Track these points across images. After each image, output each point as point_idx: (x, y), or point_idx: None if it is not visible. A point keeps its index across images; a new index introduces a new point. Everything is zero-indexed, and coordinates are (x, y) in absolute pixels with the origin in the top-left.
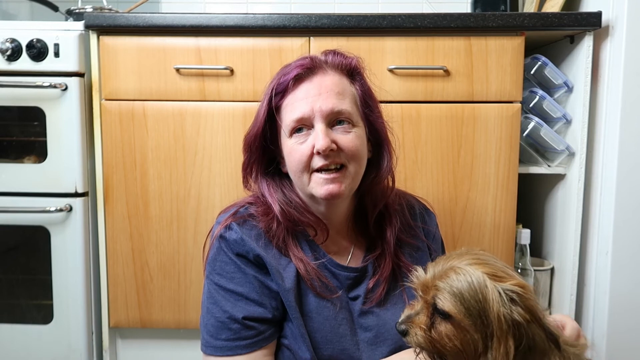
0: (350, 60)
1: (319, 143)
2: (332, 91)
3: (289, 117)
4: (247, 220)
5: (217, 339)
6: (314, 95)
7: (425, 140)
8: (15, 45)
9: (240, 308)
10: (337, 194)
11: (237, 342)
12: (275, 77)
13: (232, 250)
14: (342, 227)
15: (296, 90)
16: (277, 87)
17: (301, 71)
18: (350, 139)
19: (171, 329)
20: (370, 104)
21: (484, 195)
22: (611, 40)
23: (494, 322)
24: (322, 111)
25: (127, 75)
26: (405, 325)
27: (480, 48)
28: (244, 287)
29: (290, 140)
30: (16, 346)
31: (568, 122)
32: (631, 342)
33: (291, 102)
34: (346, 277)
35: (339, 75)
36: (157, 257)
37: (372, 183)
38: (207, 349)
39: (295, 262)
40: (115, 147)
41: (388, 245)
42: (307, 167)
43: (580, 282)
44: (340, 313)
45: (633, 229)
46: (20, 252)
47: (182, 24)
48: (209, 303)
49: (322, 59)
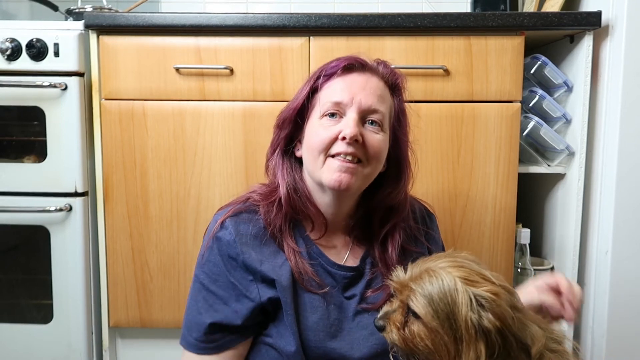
0: (397, 76)
1: (347, 129)
2: (375, 92)
3: (327, 98)
4: (243, 213)
5: (190, 336)
6: (358, 87)
7: (425, 139)
8: (15, 45)
9: (212, 313)
10: (346, 185)
11: (204, 344)
12: (322, 66)
13: (222, 251)
14: (342, 225)
15: (344, 77)
16: (326, 70)
17: (354, 63)
18: (377, 139)
19: (171, 328)
20: (402, 121)
21: (483, 194)
22: (611, 39)
23: (462, 326)
24: (361, 104)
25: (127, 75)
26: (383, 322)
27: (480, 48)
28: (225, 291)
29: (321, 120)
30: (16, 346)
31: (568, 122)
32: (631, 342)
33: (334, 85)
34: (343, 277)
35: (384, 84)
36: (157, 257)
37: (386, 198)
38: (182, 341)
39: (287, 254)
40: (115, 146)
41: (388, 256)
42: (325, 150)
43: (580, 282)
44: (332, 312)
45: (633, 228)
46: (20, 252)
47: (182, 23)
48: (190, 299)
49: (374, 64)
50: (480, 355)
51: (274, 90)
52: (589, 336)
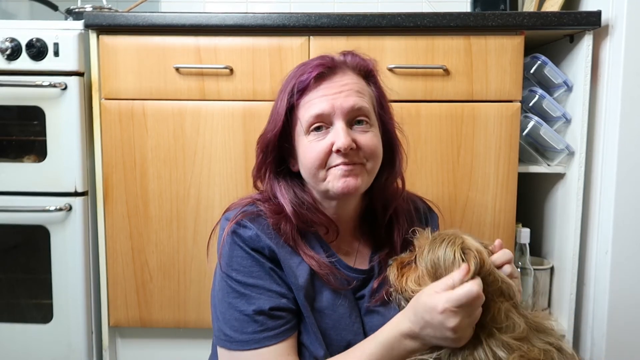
0: (368, 63)
1: (339, 141)
2: (353, 90)
3: (307, 114)
4: (257, 217)
5: (243, 333)
6: (334, 93)
7: (425, 139)
8: (14, 45)
9: (265, 300)
10: (354, 188)
11: (265, 334)
12: (292, 76)
13: (248, 245)
14: (349, 226)
15: (317, 88)
16: (298, 85)
17: (323, 70)
18: (369, 138)
19: (171, 328)
20: (385, 105)
21: (483, 194)
22: (611, 39)
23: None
24: (343, 108)
25: (126, 75)
26: (393, 260)
27: (479, 47)
28: (264, 280)
29: (308, 137)
30: (16, 345)
31: (568, 121)
32: (631, 341)
33: (310, 99)
34: (355, 279)
35: (357, 75)
36: (157, 257)
37: (384, 185)
38: (232, 345)
39: (307, 260)
40: (114, 146)
41: (395, 246)
42: (323, 165)
43: (580, 281)
44: (353, 310)
45: (633, 228)
46: (20, 252)
47: (182, 23)
48: (231, 298)
49: (342, 59)
50: None
51: (274, 90)
52: (589, 336)
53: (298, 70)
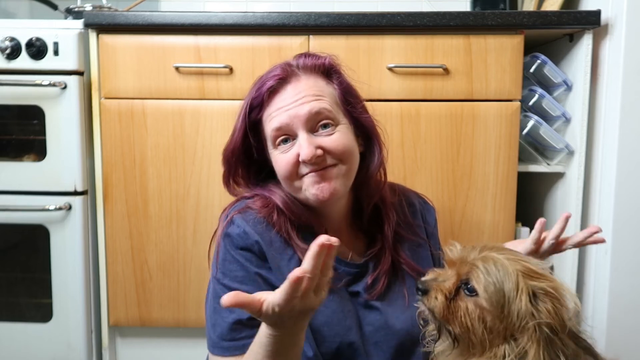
0: (323, 60)
1: (303, 152)
2: (308, 95)
3: (269, 128)
4: (246, 211)
5: (224, 340)
6: (289, 103)
7: (425, 138)
8: (14, 44)
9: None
10: (330, 193)
11: (244, 341)
12: (250, 91)
13: (235, 245)
14: (341, 224)
15: (272, 102)
16: (252, 102)
17: (274, 83)
18: (334, 139)
19: (170, 327)
20: (352, 100)
21: (483, 193)
22: (610, 38)
23: (514, 316)
24: (300, 116)
25: (126, 74)
26: (428, 285)
27: (479, 46)
28: (248, 286)
29: (276, 150)
30: (15, 345)
31: (567, 121)
32: (630, 341)
33: (269, 113)
34: (346, 273)
35: (314, 77)
36: (157, 256)
37: (365, 177)
38: (215, 350)
39: (299, 253)
40: (114, 145)
41: (386, 239)
42: (294, 175)
43: (580, 281)
44: (346, 305)
45: (633, 228)
46: (19, 251)
47: (182, 22)
48: (216, 303)
49: (294, 63)
50: (529, 351)
51: None
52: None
53: (255, 85)
